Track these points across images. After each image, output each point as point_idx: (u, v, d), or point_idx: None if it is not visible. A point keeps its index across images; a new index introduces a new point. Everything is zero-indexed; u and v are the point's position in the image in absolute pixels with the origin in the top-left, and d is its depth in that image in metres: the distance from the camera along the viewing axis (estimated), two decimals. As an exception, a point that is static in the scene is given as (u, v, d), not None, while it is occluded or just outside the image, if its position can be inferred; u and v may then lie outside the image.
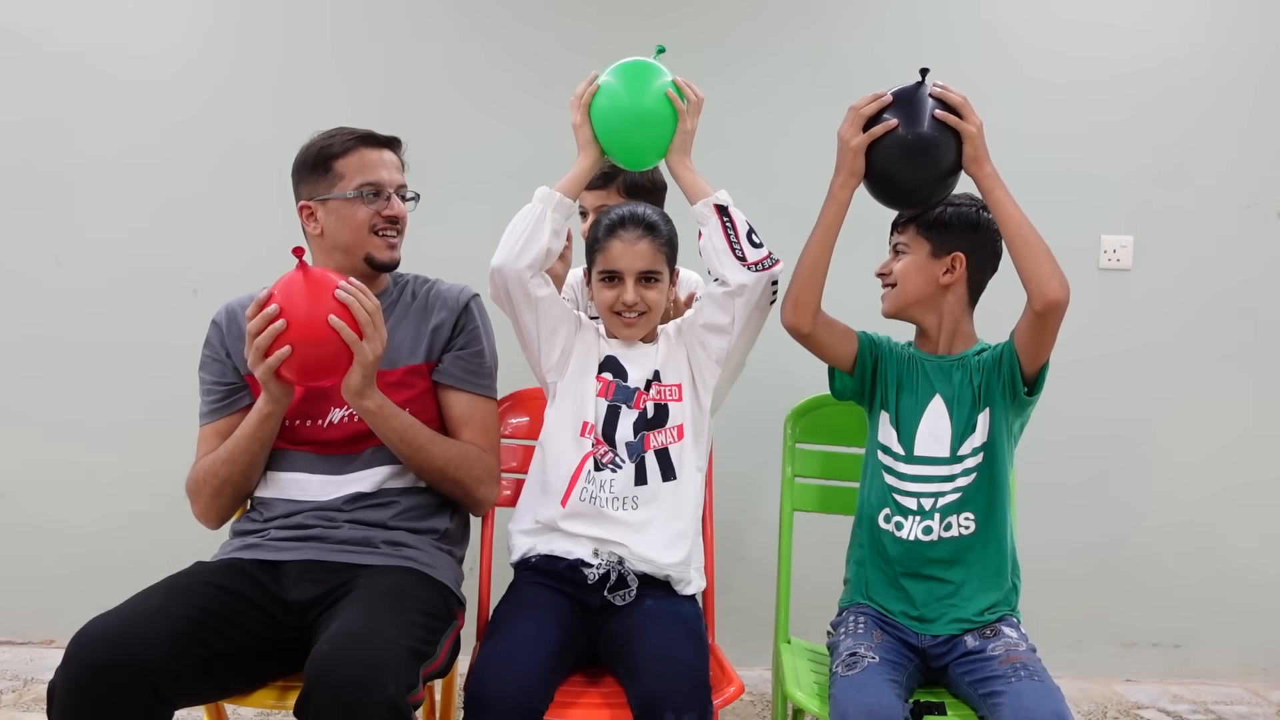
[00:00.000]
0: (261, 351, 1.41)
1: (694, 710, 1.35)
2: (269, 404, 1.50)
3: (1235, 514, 2.70)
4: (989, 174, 1.50)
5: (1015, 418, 1.62)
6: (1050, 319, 1.49)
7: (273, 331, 1.40)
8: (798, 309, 1.60)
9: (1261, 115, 2.66)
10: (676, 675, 1.39)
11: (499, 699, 1.36)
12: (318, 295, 1.42)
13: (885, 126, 1.49)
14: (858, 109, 1.52)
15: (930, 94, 1.50)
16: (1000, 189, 1.50)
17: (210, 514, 1.62)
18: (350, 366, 1.45)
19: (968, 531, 1.59)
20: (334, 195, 1.62)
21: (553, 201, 1.62)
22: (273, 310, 1.40)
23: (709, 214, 1.62)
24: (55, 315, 2.66)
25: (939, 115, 1.48)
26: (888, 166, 1.52)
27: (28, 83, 2.64)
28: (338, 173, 1.62)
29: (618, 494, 1.62)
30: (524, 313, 1.65)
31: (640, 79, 1.62)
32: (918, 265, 1.62)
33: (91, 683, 1.24)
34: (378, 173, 1.63)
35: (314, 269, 1.45)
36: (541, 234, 1.61)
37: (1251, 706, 2.59)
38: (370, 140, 1.65)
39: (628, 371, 1.69)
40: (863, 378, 1.67)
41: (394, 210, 1.64)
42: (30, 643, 2.69)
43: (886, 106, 1.50)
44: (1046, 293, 1.46)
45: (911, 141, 1.49)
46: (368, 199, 1.62)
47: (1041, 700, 1.37)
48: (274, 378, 1.45)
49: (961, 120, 1.48)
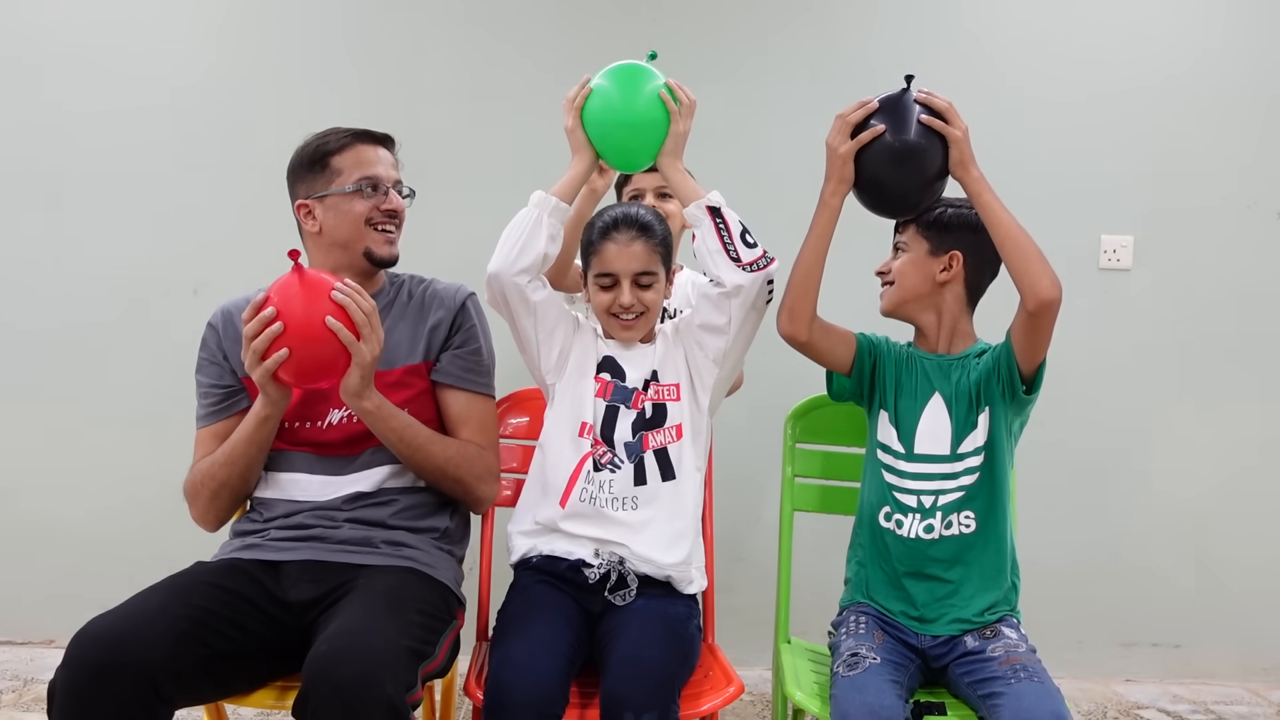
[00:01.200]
0: (258, 355, 1.41)
1: (654, 710, 1.35)
2: (266, 407, 1.50)
3: (1235, 514, 2.70)
4: (975, 178, 1.51)
5: (1015, 417, 1.62)
6: (1043, 318, 1.49)
7: (269, 335, 1.39)
8: (794, 318, 1.61)
9: (1261, 115, 2.66)
10: (638, 676, 1.39)
11: (522, 704, 1.35)
12: (314, 297, 1.41)
13: (872, 133, 1.51)
14: (844, 117, 1.54)
15: (915, 100, 1.52)
16: (988, 193, 1.51)
17: (209, 516, 1.62)
18: (348, 368, 1.45)
19: (968, 530, 1.59)
20: (332, 191, 1.62)
21: (548, 206, 1.61)
22: (269, 313, 1.40)
23: (702, 216, 1.61)
24: (55, 316, 2.66)
25: (924, 120, 1.50)
26: (875, 173, 1.54)
27: (27, 84, 2.64)
28: (335, 169, 1.63)
29: (617, 494, 1.62)
30: (522, 317, 1.65)
31: (632, 82, 1.62)
32: (915, 263, 1.63)
33: (91, 683, 1.24)
34: (374, 168, 1.64)
35: (310, 271, 1.44)
36: (538, 239, 1.60)
37: (1251, 706, 2.59)
38: (365, 137, 1.66)
39: (625, 372, 1.69)
40: (861, 379, 1.67)
41: (392, 204, 1.65)
42: (30, 643, 2.69)
43: (873, 113, 1.52)
44: (1038, 292, 1.47)
45: (898, 147, 1.51)
46: (366, 193, 1.63)
47: (1041, 701, 1.37)
48: (271, 381, 1.45)
49: (947, 125, 1.50)
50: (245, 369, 1.45)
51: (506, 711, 1.35)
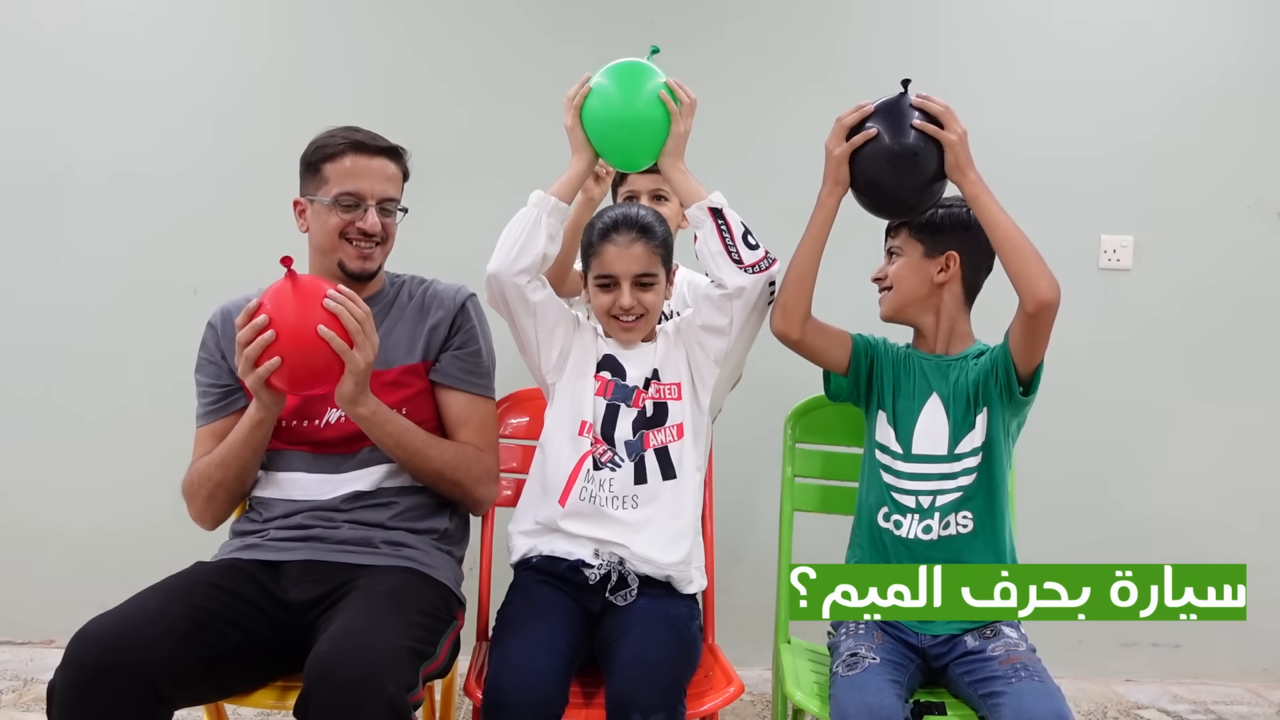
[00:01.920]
0: (251, 362, 1.40)
1: (661, 711, 1.35)
2: (260, 411, 1.50)
3: (1235, 514, 2.70)
4: (973, 180, 1.51)
5: (1012, 418, 1.62)
6: (1042, 319, 1.49)
7: (261, 342, 1.38)
8: (787, 316, 1.61)
9: (1261, 115, 2.66)
10: (646, 676, 1.39)
11: (521, 704, 1.35)
12: (306, 305, 1.40)
13: (865, 135, 1.51)
14: (841, 120, 1.54)
15: (912, 104, 1.52)
16: (985, 195, 1.51)
17: (205, 516, 1.62)
18: (342, 374, 1.44)
19: (965, 530, 1.59)
20: (316, 198, 1.62)
21: (547, 206, 1.61)
22: (262, 321, 1.38)
23: (703, 217, 1.60)
24: (55, 316, 2.66)
25: (919, 125, 1.50)
26: (872, 176, 1.54)
27: (27, 85, 2.64)
28: (324, 176, 1.61)
29: (617, 493, 1.62)
30: (522, 317, 1.64)
31: (633, 80, 1.61)
32: (911, 266, 1.64)
33: (91, 683, 1.24)
34: (359, 182, 1.60)
35: (303, 277, 1.43)
36: (537, 239, 1.60)
37: (1251, 706, 2.59)
38: (363, 148, 1.62)
39: (626, 370, 1.69)
40: (857, 379, 1.67)
41: (366, 224, 1.60)
42: (30, 643, 2.69)
43: (869, 116, 1.53)
44: (1037, 293, 1.47)
45: (894, 151, 1.52)
46: (343, 209, 1.60)
47: (1042, 700, 1.37)
48: (265, 387, 1.44)
49: (942, 130, 1.50)
50: (239, 375, 1.45)
51: (505, 711, 1.35)
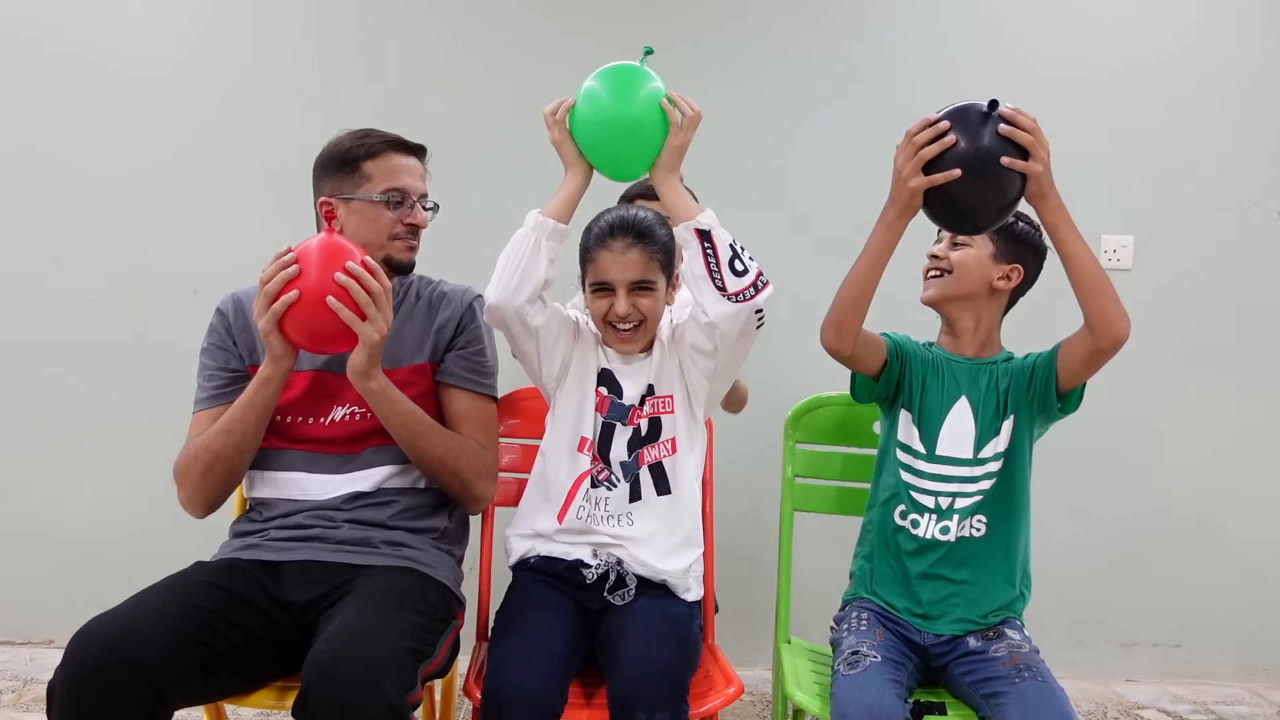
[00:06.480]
0: (270, 297, 1.41)
1: (666, 710, 1.34)
2: (269, 366, 1.49)
3: (1235, 514, 2.70)
4: (1053, 208, 1.42)
5: (1039, 427, 1.62)
6: (1111, 355, 1.49)
7: (284, 276, 1.40)
8: (841, 334, 1.54)
9: (1262, 115, 2.66)
10: (650, 674, 1.38)
11: (519, 703, 1.35)
12: (330, 265, 1.42)
13: (947, 176, 1.37)
14: (916, 143, 1.39)
15: (999, 131, 1.37)
16: (1065, 225, 1.44)
17: (197, 497, 1.56)
18: (354, 343, 1.45)
19: (979, 534, 1.59)
20: (359, 196, 1.62)
21: (546, 229, 1.54)
22: (289, 258, 1.42)
23: (690, 238, 1.51)
24: (55, 315, 2.66)
25: (1008, 164, 1.37)
26: (949, 199, 1.42)
27: (27, 80, 2.64)
28: (365, 174, 1.63)
29: (613, 511, 1.61)
30: (523, 340, 1.61)
31: (622, 83, 1.52)
32: (979, 260, 1.61)
33: (91, 683, 1.24)
34: (403, 179, 1.64)
35: (338, 240, 1.46)
36: (538, 266, 1.54)
37: (1251, 706, 2.59)
38: (400, 146, 1.66)
39: (623, 388, 1.66)
40: (889, 381, 1.64)
41: (415, 219, 1.66)
42: (30, 643, 2.69)
43: (944, 134, 1.38)
44: (1114, 332, 1.46)
45: (976, 186, 1.39)
46: (392, 205, 1.63)
47: (1045, 701, 1.37)
48: (276, 331, 1.44)
49: (1028, 163, 1.37)
50: (253, 315, 1.46)
51: (504, 711, 1.35)
